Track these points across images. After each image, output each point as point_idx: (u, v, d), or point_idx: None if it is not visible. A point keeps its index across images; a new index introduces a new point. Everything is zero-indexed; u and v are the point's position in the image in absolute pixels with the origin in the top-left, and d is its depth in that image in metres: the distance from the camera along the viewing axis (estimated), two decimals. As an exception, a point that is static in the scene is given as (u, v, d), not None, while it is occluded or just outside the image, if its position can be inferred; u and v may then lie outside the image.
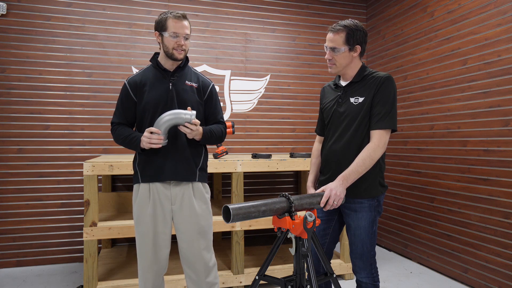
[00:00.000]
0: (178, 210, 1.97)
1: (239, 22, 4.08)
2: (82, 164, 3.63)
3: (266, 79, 4.17)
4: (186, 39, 1.92)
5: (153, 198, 1.94)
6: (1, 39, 3.43)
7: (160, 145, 1.84)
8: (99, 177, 3.59)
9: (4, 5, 3.39)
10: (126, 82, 1.99)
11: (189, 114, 1.82)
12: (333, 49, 1.81)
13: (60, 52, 3.57)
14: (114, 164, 2.60)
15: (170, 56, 1.92)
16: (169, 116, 1.82)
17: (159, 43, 1.96)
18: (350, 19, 1.85)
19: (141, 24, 3.78)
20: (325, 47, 1.87)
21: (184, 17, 1.91)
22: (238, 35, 4.07)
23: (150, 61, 2.05)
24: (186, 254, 1.99)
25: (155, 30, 1.95)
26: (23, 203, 3.48)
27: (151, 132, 1.82)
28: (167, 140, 1.88)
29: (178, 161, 1.94)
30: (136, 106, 1.99)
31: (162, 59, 2.00)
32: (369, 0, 4.48)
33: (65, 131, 3.59)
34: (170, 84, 1.97)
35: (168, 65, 1.99)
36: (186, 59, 2.04)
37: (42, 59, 3.53)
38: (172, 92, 1.96)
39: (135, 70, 3.75)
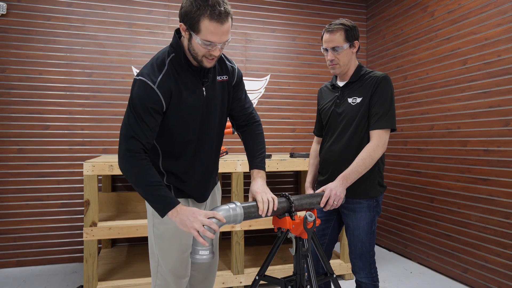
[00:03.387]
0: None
1: (239, 22, 4.07)
2: (82, 164, 3.62)
3: (266, 79, 4.17)
4: (222, 47, 1.40)
5: (192, 204, 1.68)
6: (1, 39, 3.43)
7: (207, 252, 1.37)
8: (99, 177, 3.59)
9: (4, 5, 3.39)
10: (153, 86, 1.38)
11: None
12: (334, 48, 1.81)
13: (60, 52, 3.57)
14: (114, 164, 2.60)
15: (198, 62, 1.43)
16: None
17: (184, 37, 1.42)
18: (340, 18, 1.87)
19: (141, 24, 3.78)
20: (323, 50, 1.87)
21: (226, 16, 1.32)
22: (238, 35, 4.07)
23: (173, 49, 1.46)
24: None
25: (181, 22, 1.36)
26: (23, 203, 3.48)
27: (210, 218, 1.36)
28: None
29: (210, 182, 1.69)
30: (160, 119, 1.44)
31: (188, 54, 1.46)
32: (369, 0, 4.48)
33: (65, 131, 3.58)
34: (204, 88, 1.50)
35: (195, 63, 1.47)
36: None
37: (42, 59, 3.53)
38: (206, 100, 1.51)
39: (135, 70, 3.75)
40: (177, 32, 1.48)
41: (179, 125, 1.48)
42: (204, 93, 1.50)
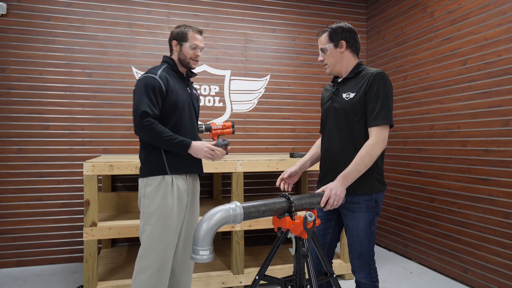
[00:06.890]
0: (190, 201, 2.16)
1: (239, 22, 4.08)
2: (82, 164, 3.62)
3: (266, 79, 4.17)
4: (200, 51, 2.14)
5: (177, 190, 2.04)
6: (1, 39, 3.43)
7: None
8: (99, 177, 3.59)
9: (4, 5, 3.39)
10: (156, 77, 1.99)
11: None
12: (321, 50, 1.92)
13: (60, 52, 3.57)
14: (114, 164, 2.60)
15: (185, 64, 2.11)
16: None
17: (174, 51, 2.13)
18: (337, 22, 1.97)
19: (141, 24, 3.78)
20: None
21: (201, 32, 2.17)
22: (238, 35, 4.07)
23: (166, 62, 2.13)
24: (188, 239, 2.18)
25: (173, 39, 2.11)
26: (23, 203, 3.48)
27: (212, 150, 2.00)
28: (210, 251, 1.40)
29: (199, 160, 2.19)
30: (162, 99, 2.02)
31: (178, 65, 2.15)
32: (369, 0, 4.48)
33: (65, 131, 3.58)
34: (188, 88, 2.16)
35: (182, 70, 2.17)
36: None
37: (42, 59, 3.53)
38: (190, 97, 2.15)
39: (135, 70, 3.75)
40: (167, 57, 2.17)
41: (171, 107, 2.02)
42: (189, 91, 2.16)
